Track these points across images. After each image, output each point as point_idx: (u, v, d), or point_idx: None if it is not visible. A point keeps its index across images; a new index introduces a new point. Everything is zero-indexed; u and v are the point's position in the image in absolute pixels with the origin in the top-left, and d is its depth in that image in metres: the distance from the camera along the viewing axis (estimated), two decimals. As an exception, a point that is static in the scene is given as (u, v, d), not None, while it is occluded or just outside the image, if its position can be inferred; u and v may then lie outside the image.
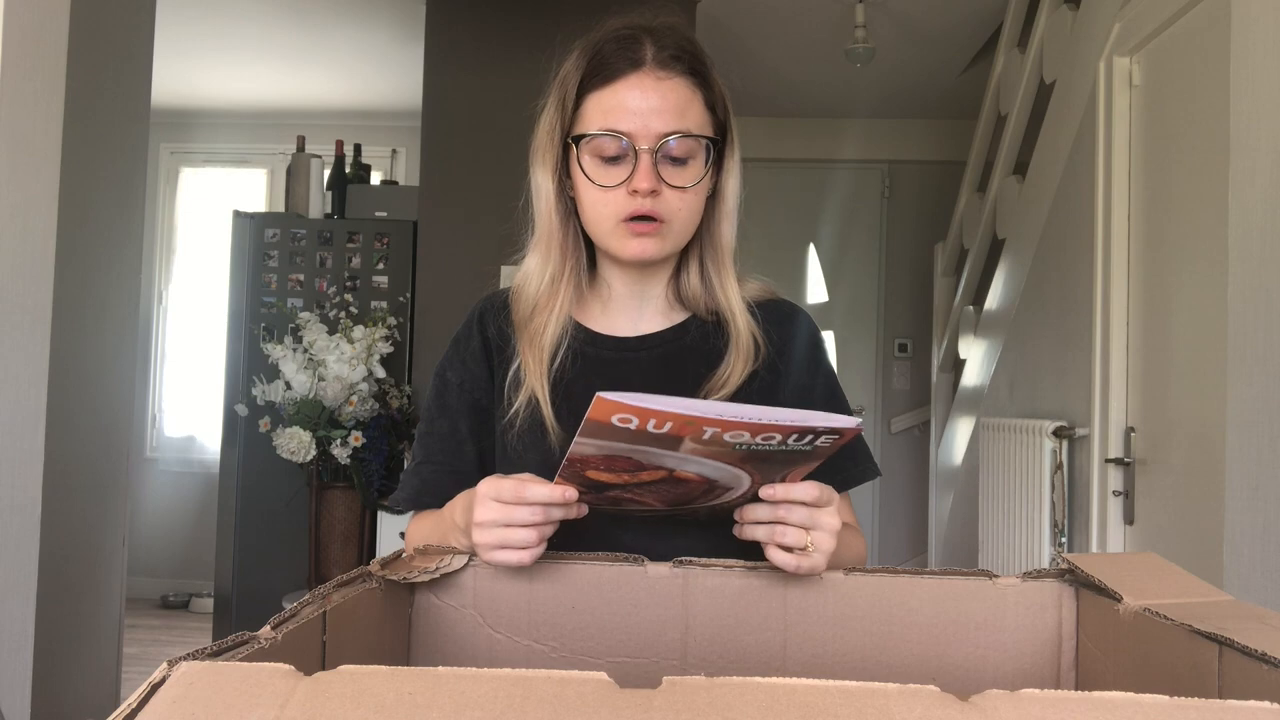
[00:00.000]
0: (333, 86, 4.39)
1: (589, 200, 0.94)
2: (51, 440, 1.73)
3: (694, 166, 0.93)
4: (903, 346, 4.72)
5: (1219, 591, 0.67)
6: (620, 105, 0.90)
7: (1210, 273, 1.94)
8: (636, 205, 0.90)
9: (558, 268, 0.98)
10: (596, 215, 0.94)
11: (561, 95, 0.94)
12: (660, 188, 0.91)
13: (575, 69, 0.94)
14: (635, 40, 0.92)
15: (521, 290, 1.00)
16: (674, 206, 0.92)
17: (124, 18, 2.15)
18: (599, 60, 0.92)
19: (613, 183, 0.91)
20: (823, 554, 0.75)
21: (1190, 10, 2.09)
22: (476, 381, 1.01)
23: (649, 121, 0.90)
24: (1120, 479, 2.34)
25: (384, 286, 3.49)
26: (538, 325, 0.97)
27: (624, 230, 0.92)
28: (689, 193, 0.93)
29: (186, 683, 0.40)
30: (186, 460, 4.76)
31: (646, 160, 0.90)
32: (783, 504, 0.75)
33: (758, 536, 0.76)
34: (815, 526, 0.74)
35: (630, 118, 0.90)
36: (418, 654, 0.76)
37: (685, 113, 0.92)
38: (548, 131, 0.96)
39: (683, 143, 0.91)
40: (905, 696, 0.39)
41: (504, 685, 0.40)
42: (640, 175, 0.90)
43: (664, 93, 0.91)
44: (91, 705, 2.07)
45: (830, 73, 4.02)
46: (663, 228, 0.92)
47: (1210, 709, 0.38)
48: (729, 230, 1.00)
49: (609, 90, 0.91)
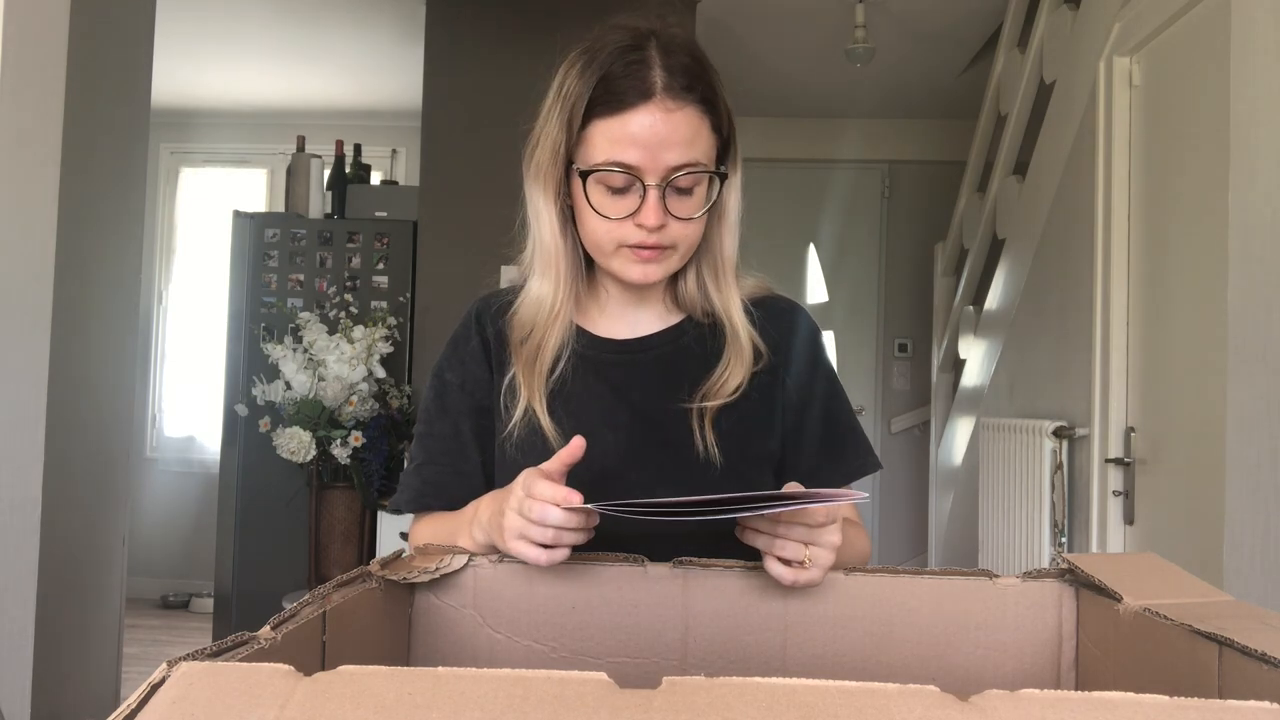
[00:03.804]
0: (333, 86, 4.39)
1: (592, 227, 0.93)
2: (51, 440, 1.73)
3: (699, 195, 0.92)
4: (903, 346, 4.72)
5: (1219, 591, 0.67)
6: (629, 137, 0.88)
7: (1210, 273, 1.94)
8: (642, 237, 0.90)
9: (565, 296, 0.97)
10: (599, 241, 0.93)
11: (567, 117, 0.91)
12: (667, 221, 0.90)
13: (582, 87, 0.90)
14: (644, 64, 0.89)
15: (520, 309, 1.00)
16: (678, 235, 0.92)
17: (124, 18, 2.15)
18: (607, 84, 0.89)
19: (619, 215, 0.90)
20: (820, 569, 0.75)
21: (1190, 10, 2.09)
22: (477, 382, 1.00)
23: (658, 155, 0.88)
24: (1120, 479, 2.33)
25: (384, 286, 3.49)
26: (535, 342, 0.97)
27: (627, 255, 0.92)
28: (694, 221, 0.93)
29: (186, 683, 0.40)
30: (186, 460, 4.76)
31: (654, 196, 0.88)
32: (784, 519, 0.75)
33: (757, 544, 0.76)
34: (815, 543, 0.74)
35: (639, 152, 0.88)
36: (418, 654, 0.76)
37: (694, 143, 0.90)
38: (550, 152, 0.93)
39: (690, 177, 0.90)
40: (905, 696, 0.39)
41: (504, 685, 0.40)
42: (647, 212, 0.88)
43: (674, 125, 0.88)
44: (91, 705, 2.07)
45: (830, 73, 4.02)
46: (667, 253, 0.93)
47: (1210, 709, 0.38)
48: (731, 243, 0.99)
49: (618, 120, 0.88)
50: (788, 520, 0.74)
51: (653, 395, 0.98)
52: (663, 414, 0.97)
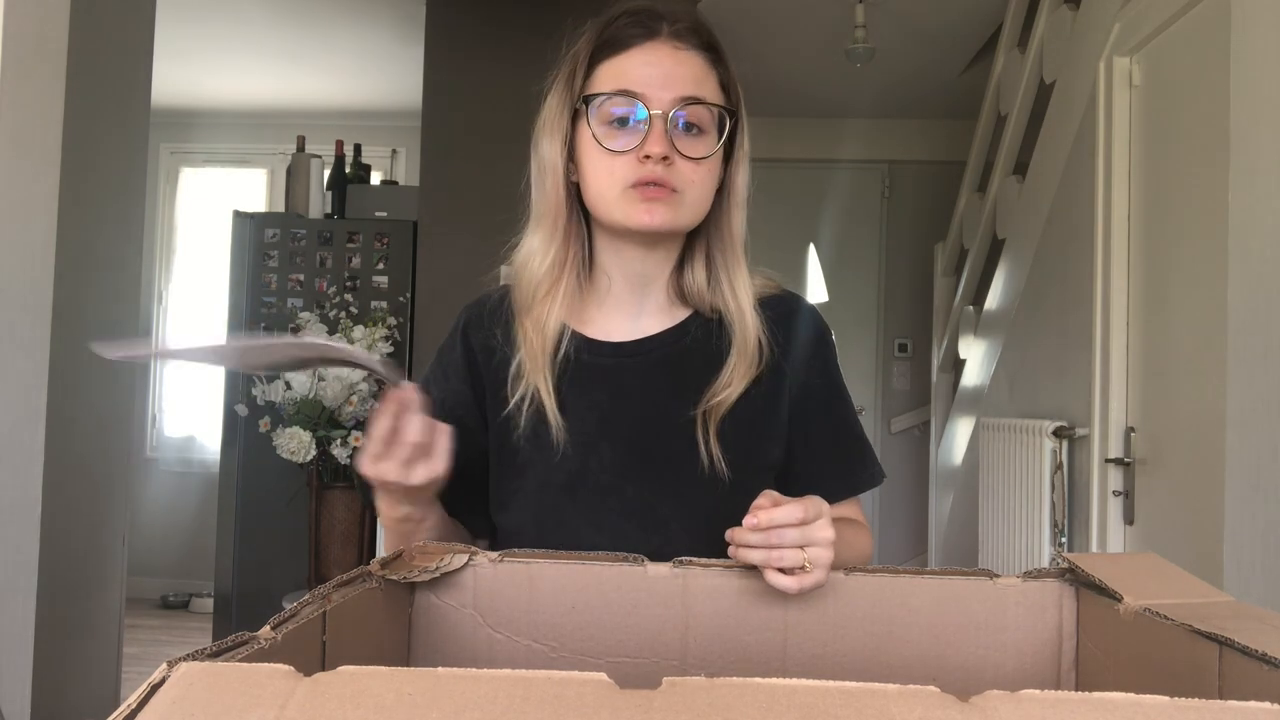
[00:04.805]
0: (333, 86, 4.39)
1: (598, 168, 0.89)
2: (51, 440, 1.73)
3: (707, 139, 0.90)
4: (903, 346, 4.72)
5: (1219, 591, 0.67)
6: (633, 70, 0.87)
7: (1210, 273, 1.94)
8: (648, 171, 0.86)
9: (560, 252, 0.93)
10: (604, 184, 0.89)
11: (571, 68, 0.91)
12: (673, 155, 0.87)
13: (586, 43, 0.91)
14: (650, 14, 0.90)
15: (523, 273, 0.95)
16: (688, 177, 0.88)
17: (124, 18, 2.15)
18: (612, 32, 0.90)
19: (623, 148, 0.87)
20: (822, 568, 0.73)
21: (1190, 10, 2.09)
22: (458, 398, 0.97)
23: (663, 86, 0.87)
24: (1120, 479, 2.33)
25: (384, 286, 3.49)
26: (538, 316, 0.93)
27: (633, 196, 0.87)
28: (703, 165, 0.89)
29: (186, 683, 0.40)
30: (186, 460, 4.75)
31: (659, 125, 0.86)
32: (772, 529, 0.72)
33: (753, 560, 0.74)
34: (810, 543, 0.72)
35: (643, 82, 0.87)
36: (418, 654, 0.76)
37: (701, 83, 0.89)
38: (555, 106, 0.92)
39: (697, 111, 0.88)
40: (905, 697, 0.39)
41: (504, 685, 0.40)
42: (653, 139, 0.85)
43: (679, 60, 0.88)
44: (91, 705, 2.07)
45: (830, 73, 4.02)
46: (675, 197, 0.88)
47: (1210, 709, 0.38)
48: (739, 221, 0.96)
49: (623, 57, 0.88)
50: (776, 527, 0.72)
51: (654, 403, 0.94)
52: (664, 424, 0.93)
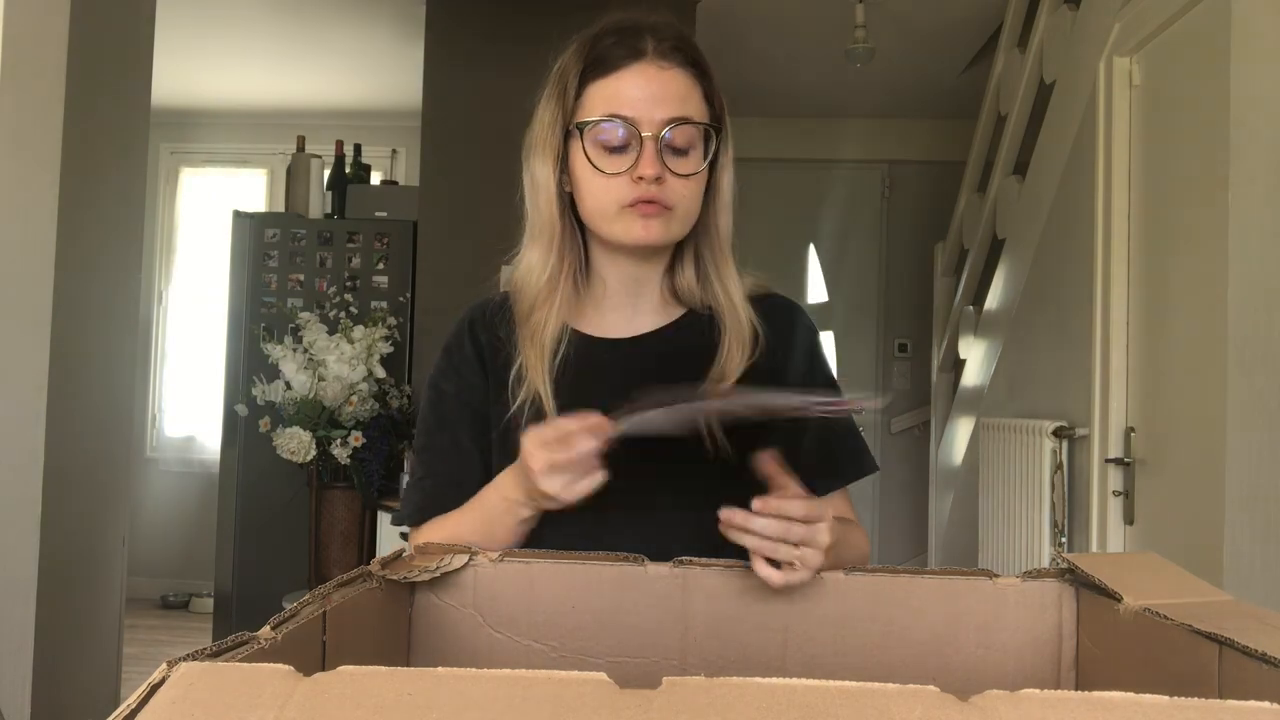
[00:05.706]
0: (333, 86, 4.39)
1: (592, 189, 0.93)
2: (51, 440, 1.73)
3: (695, 155, 0.94)
4: (903, 346, 4.72)
5: (1219, 591, 0.67)
6: (623, 93, 0.91)
7: (1210, 272, 1.94)
8: (642, 191, 0.91)
9: (556, 264, 0.97)
10: (600, 204, 0.93)
11: (562, 87, 0.95)
12: (665, 175, 0.91)
13: (575, 61, 0.94)
14: (635, 32, 0.93)
15: (522, 286, 0.99)
16: (678, 194, 0.93)
17: (124, 18, 2.15)
18: (599, 52, 0.93)
19: (617, 170, 0.91)
20: (809, 570, 0.74)
21: (1190, 10, 2.09)
22: (473, 390, 0.99)
23: (652, 109, 0.91)
24: (1120, 479, 2.33)
25: (384, 286, 3.49)
26: (537, 321, 0.96)
27: (630, 214, 0.92)
28: (692, 181, 0.94)
29: (186, 683, 0.40)
30: (186, 460, 4.75)
31: (651, 147, 0.90)
32: (774, 519, 0.74)
33: (745, 543, 0.75)
34: (805, 543, 0.74)
35: (633, 105, 0.91)
36: (418, 654, 0.76)
37: (686, 101, 0.93)
38: (548, 124, 0.96)
39: (684, 131, 0.92)
40: (905, 697, 0.39)
41: (504, 685, 0.40)
42: (645, 161, 0.90)
43: (665, 81, 0.92)
44: (91, 705, 2.07)
45: (830, 73, 4.01)
46: (669, 213, 0.93)
47: (1210, 709, 0.38)
48: (726, 221, 1.00)
49: (611, 79, 0.92)
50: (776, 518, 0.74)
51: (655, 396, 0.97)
52: None
